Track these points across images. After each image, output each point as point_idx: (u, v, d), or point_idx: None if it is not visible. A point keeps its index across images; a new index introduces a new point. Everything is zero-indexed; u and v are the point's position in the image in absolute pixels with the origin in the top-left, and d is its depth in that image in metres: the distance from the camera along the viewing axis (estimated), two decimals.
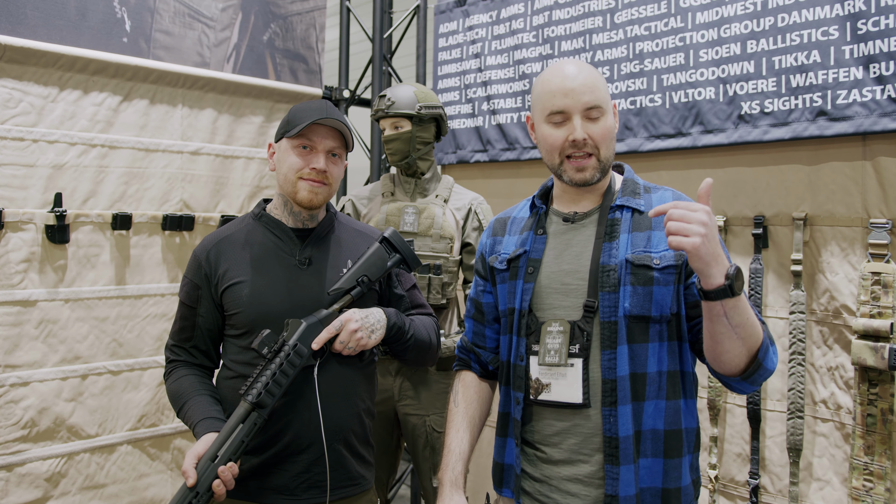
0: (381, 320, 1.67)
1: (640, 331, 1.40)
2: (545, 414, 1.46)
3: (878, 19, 2.16)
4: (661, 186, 1.54)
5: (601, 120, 1.44)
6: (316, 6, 3.50)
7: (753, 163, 2.49)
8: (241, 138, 3.18)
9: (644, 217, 1.46)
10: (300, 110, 1.68)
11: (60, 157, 2.62)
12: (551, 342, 1.43)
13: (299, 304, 1.64)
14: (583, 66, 1.47)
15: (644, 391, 1.39)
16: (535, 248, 1.52)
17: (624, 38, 2.79)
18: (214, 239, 1.74)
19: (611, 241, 1.44)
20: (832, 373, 2.31)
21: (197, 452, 1.47)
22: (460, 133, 3.41)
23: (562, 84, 1.44)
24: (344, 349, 1.61)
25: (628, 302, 1.40)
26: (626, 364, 1.39)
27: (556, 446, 1.44)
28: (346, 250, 1.75)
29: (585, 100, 1.42)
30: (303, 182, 1.65)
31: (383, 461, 2.53)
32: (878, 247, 2.19)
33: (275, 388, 1.51)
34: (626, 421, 1.37)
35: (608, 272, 1.42)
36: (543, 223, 1.54)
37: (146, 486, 2.86)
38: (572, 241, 1.49)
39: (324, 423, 1.59)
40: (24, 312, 2.53)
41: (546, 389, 1.44)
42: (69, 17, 2.65)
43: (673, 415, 1.41)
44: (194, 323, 1.70)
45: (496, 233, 1.65)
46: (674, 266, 1.41)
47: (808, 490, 2.36)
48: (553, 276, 1.48)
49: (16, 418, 2.51)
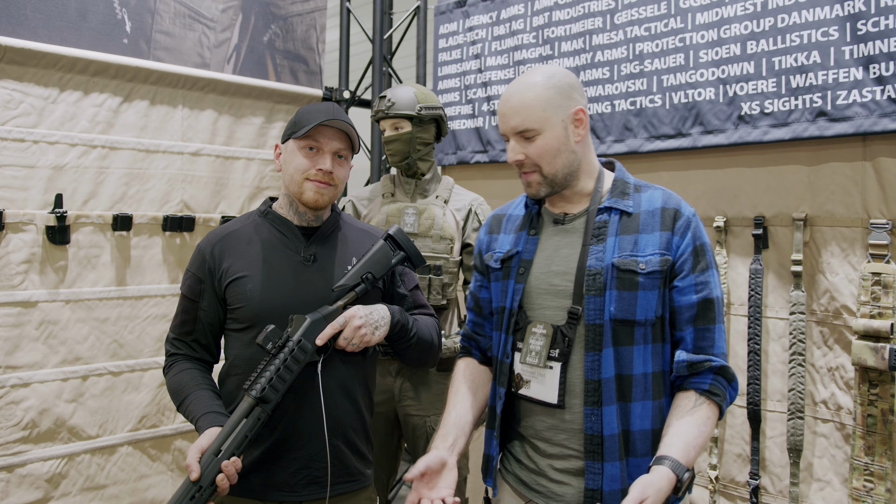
0: (386, 317, 1.67)
1: (626, 334, 1.42)
2: (536, 410, 1.50)
3: (878, 20, 2.16)
4: (651, 185, 1.55)
5: (537, 139, 1.45)
6: (316, 7, 3.50)
7: (753, 163, 2.49)
8: (241, 139, 3.18)
9: (632, 219, 1.47)
10: (307, 111, 1.68)
11: (61, 158, 2.62)
12: (534, 343, 1.48)
13: (303, 300, 1.64)
14: (523, 84, 1.48)
15: (630, 392, 1.42)
16: (527, 249, 1.55)
17: (624, 39, 2.80)
18: (220, 234, 1.74)
19: (598, 244, 1.46)
20: (832, 373, 2.31)
21: (200, 446, 1.48)
22: (460, 134, 3.42)
23: (500, 107, 1.50)
24: (348, 346, 1.62)
25: (614, 306, 1.42)
26: (612, 366, 1.42)
27: (548, 441, 1.48)
28: (350, 248, 1.75)
29: (513, 124, 1.47)
30: (309, 183, 1.66)
31: (383, 461, 2.53)
32: (878, 247, 2.19)
33: (279, 383, 1.52)
34: (612, 420, 1.40)
35: (594, 276, 1.44)
36: (536, 223, 1.57)
37: (147, 486, 2.86)
38: (562, 242, 1.52)
39: (325, 419, 1.60)
40: (24, 313, 2.53)
41: (526, 385, 1.49)
42: (69, 19, 2.66)
43: (659, 414, 1.45)
44: (196, 316, 1.71)
45: (492, 230, 1.68)
46: (659, 271, 1.43)
47: (808, 490, 2.36)
48: (542, 277, 1.51)
49: (16, 419, 2.51)
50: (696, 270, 1.44)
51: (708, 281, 1.44)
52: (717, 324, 1.44)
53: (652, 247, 1.43)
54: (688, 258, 1.44)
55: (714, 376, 1.42)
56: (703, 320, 1.44)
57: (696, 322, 1.44)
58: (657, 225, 1.45)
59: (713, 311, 1.44)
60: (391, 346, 1.75)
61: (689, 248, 1.44)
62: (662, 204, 1.48)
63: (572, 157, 1.48)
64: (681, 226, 1.45)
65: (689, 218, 1.46)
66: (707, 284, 1.44)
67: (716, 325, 1.44)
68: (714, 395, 1.41)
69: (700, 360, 1.42)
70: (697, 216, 1.49)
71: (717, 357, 1.43)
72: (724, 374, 1.43)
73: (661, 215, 1.46)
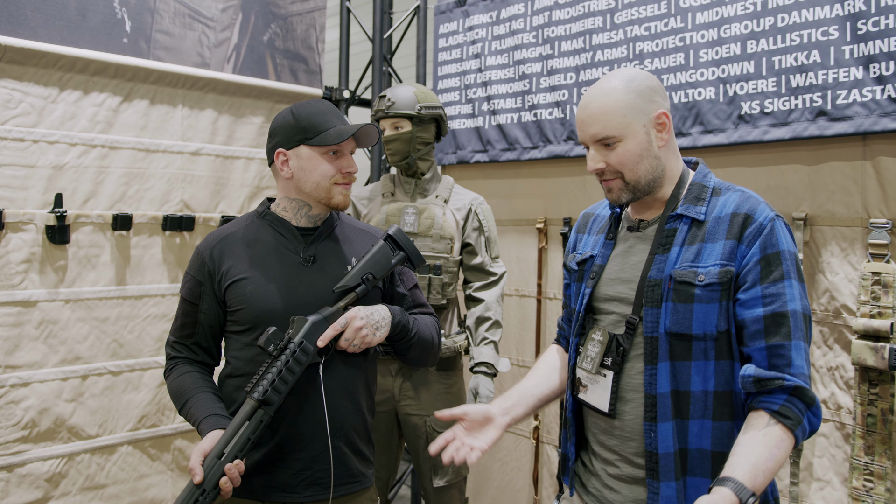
0: (386, 317, 1.67)
1: (682, 348, 1.36)
2: (593, 414, 1.50)
3: (878, 19, 2.16)
4: (734, 187, 1.45)
5: (618, 146, 1.40)
6: (316, 7, 3.50)
7: (753, 163, 2.49)
8: (241, 139, 3.18)
9: (700, 228, 1.40)
10: (318, 114, 1.67)
11: (61, 158, 2.62)
12: (591, 349, 1.47)
13: (303, 301, 1.64)
14: (601, 91, 1.42)
15: (688, 409, 1.35)
16: (602, 254, 1.53)
17: (624, 39, 2.79)
18: (219, 236, 1.74)
19: (664, 254, 1.41)
20: (832, 373, 2.31)
21: (203, 450, 1.47)
22: (460, 133, 3.42)
23: (578, 114, 1.44)
24: (349, 346, 1.61)
25: (668, 319, 1.37)
26: (668, 381, 1.36)
27: (602, 444, 1.48)
28: (350, 248, 1.75)
29: (592, 132, 1.41)
30: (338, 187, 1.68)
31: (384, 461, 2.53)
32: (878, 247, 2.19)
33: (281, 385, 1.52)
34: (667, 438, 1.35)
35: (653, 287, 1.39)
36: (615, 228, 1.55)
37: (146, 486, 2.86)
38: (633, 249, 1.49)
39: (328, 420, 1.60)
40: (24, 313, 2.54)
41: (584, 390, 1.49)
42: (69, 18, 2.66)
43: (720, 436, 1.35)
44: (196, 319, 1.70)
45: (580, 229, 1.67)
46: (718, 283, 1.34)
47: (808, 490, 2.36)
48: (610, 284, 1.49)
49: (16, 419, 2.51)
50: (767, 281, 1.32)
51: (781, 293, 1.32)
52: (793, 340, 1.31)
53: (714, 257, 1.35)
54: (753, 268, 1.33)
55: (788, 397, 1.28)
56: (774, 336, 1.31)
57: (767, 338, 1.31)
58: (723, 233, 1.37)
59: (788, 326, 1.31)
60: (392, 346, 1.75)
61: (757, 256, 1.33)
62: (735, 209, 1.38)
63: (655, 162, 1.41)
64: (750, 233, 1.34)
65: (762, 224, 1.34)
66: (780, 297, 1.31)
67: (792, 341, 1.31)
68: (785, 417, 1.27)
69: (770, 376, 1.29)
70: (780, 220, 1.37)
71: (793, 377, 1.29)
72: (800, 395, 1.28)
73: (729, 222, 1.37)
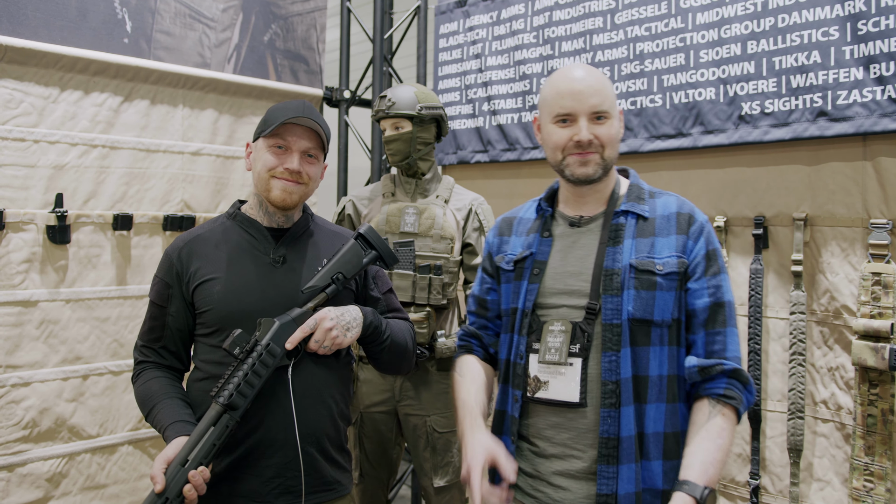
0: (358, 318, 1.63)
1: (643, 334, 1.44)
2: (540, 410, 1.49)
3: (879, 20, 2.16)
4: (664, 192, 1.58)
5: (607, 123, 1.48)
6: (316, 7, 3.50)
7: (754, 163, 2.49)
8: (241, 139, 3.18)
9: (648, 223, 1.50)
10: (277, 110, 1.65)
11: (61, 158, 2.62)
12: (552, 341, 1.47)
13: (273, 302, 1.60)
14: (591, 70, 1.52)
15: (646, 394, 1.43)
16: (541, 251, 1.56)
17: (624, 39, 2.80)
18: (187, 238, 1.70)
19: (615, 246, 1.48)
20: (832, 373, 2.32)
21: (167, 457, 1.43)
22: (461, 133, 3.42)
23: (570, 86, 1.48)
24: (319, 348, 1.58)
25: (632, 305, 1.43)
26: (629, 366, 1.42)
27: (549, 440, 1.48)
28: (321, 249, 1.71)
29: (592, 102, 1.47)
30: (276, 181, 1.62)
31: (383, 461, 2.53)
32: (878, 247, 2.19)
33: (247, 389, 1.47)
34: (629, 422, 1.41)
35: (612, 276, 1.45)
36: (549, 226, 1.58)
37: (147, 486, 2.85)
38: (577, 243, 1.53)
39: (297, 424, 1.55)
40: (25, 313, 2.54)
41: (544, 387, 1.47)
42: (70, 18, 2.66)
43: (672, 417, 1.45)
44: (164, 323, 1.66)
45: (502, 232, 1.68)
46: (676, 273, 1.45)
47: (808, 490, 2.37)
48: (557, 278, 1.51)
49: (17, 419, 2.51)
50: (709, 274, 1.46)
51: (720, 285, 1.46)
52: (728, 327, 1.46)
53: (668, 249, 1.46)
54: (701, 261, 1.47)
55: (728, 380, 1.42)
56: (714, 324, 1.45)
57: (707, 326, 1.45)
58: (673, 229, 1.49)
59: (724, 315, 1.45)
60: (364, 349, 1.71)
61: (703, 251, 1.47)
62: (677, 209, 1.51)
63: (617, 151, 1.53)
64: (695, 230, 1.48)
65: (703, 223, 1.50)
66: (719, 288, 1.46)
67: (727, 328, 1.45)
68: (730, 398, 1.41)
69: (711, 364, 1.43)
70: (709, 222, 1.53)
71: (729, 360, 1.43)
72: (738, 377, 1.42)
73: (676, 220, 1.50)
